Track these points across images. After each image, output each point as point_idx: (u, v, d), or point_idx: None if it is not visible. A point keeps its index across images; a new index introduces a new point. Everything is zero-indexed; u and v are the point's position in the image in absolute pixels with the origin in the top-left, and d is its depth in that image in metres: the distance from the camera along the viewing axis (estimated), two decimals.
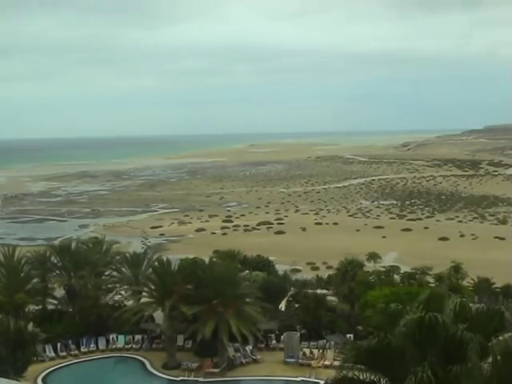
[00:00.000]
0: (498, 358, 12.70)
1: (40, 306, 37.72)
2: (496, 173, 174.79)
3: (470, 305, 14.30)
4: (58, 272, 38.27)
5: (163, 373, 31.94)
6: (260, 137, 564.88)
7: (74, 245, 39.66)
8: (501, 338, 13.01)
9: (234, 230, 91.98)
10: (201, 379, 31.02)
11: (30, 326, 30.34)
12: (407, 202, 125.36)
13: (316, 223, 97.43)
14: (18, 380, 24.12)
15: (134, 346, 35.12)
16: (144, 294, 36.42)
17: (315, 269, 60.61)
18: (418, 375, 12.10)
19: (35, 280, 37.70)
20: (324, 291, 41.42)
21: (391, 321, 13.65)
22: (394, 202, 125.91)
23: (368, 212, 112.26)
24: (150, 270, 37.03)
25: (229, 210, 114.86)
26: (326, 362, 31.81)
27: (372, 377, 13.55)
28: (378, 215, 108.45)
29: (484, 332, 12.78)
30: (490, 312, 13.46)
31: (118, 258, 41.04)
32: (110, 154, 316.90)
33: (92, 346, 34.82)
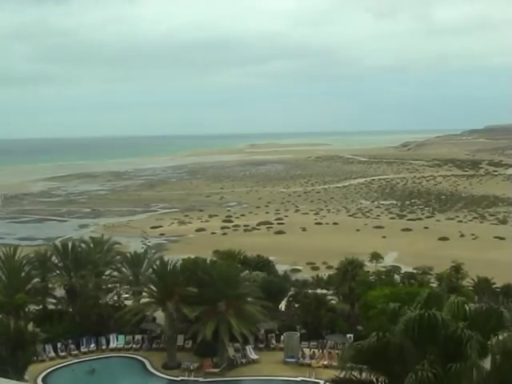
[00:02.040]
0: (497, 356, 12.71)
1: (40, 306, 37.73)
2: (496, 173, 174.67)
3: (470, 304, 14.32)
4: (58, 272, 38.26)
5: (163, 373, 31.97)
6: (260, 137, 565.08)
7: (74, 244, 39.58)
8: (500, 337, 13.01)
9: (234, 229, 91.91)
10: (201, 379, 31.04)
11: (31, 326, 30.34)
12: (407, 202, 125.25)
13: (316, 223, 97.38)
14: (18, 380, 24.11)
15: (134, 345, 35.15)
16: (144, 294, 36.42)
17: (315, 269, 60.57)
18: (418, 373, 12.11)
19: (35, 280, 37.69)
20: (324, 291, 41.41)
21: (390, 320, 13.65)
22: (394, 202, 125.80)
23: (368, 212, 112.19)
24: (151, 270, 37.05)
25: (229, 210, 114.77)
26: (326, 362, 31.83)
27: (372, 376, 13.56)
28: (378, 215, 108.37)
29: (483, 331, 12.80)
30: (489, 311, 13.47)
31: (118, 257, 41.03)
32: (109, 153, 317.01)
33: (92, 346, 34.86)
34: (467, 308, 13.68)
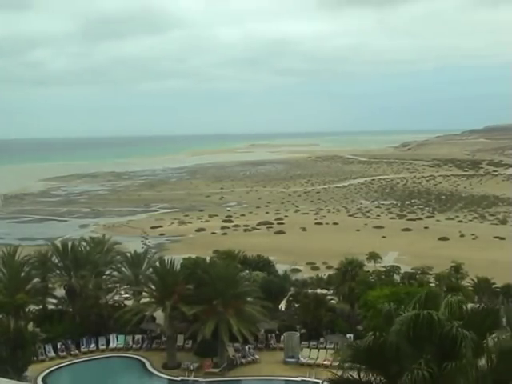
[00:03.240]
0: (493, 356, 12.73)
1: (40, 306, 37.74)
2: (496, 173, 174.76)
3: (469, 304, 14.34)
4: (58, 272, 38.28)
5: (163, 373, 31.99)
6: (260, 137, 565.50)
7: (74, 244, 39.58)
8: (496, 336, 13.03)
9: (234, 229, 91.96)
10: (201, 379, 31.06)
11: (30, 326, 30.36)
12: (407, 202, 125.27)
13: (316, 223, 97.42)
14: (18, 380, 24.13)
15: (134, 345, 35.17)
16: (144, 294, 36.44)
17: (315, 269, 60.63)
18: (413, 373, 12.14)
19: (35, 280, 37.70)
20: (324, 291, 41.45)
21: (387, 320, 13.67)
22: (394, 202, 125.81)
23: (368, 212, 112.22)
24: (151, 269, 37.06)
25: (229, 210, 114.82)
26: (326, 362, 31.81)
27: (368, 376, 13.58)
28: (378, 215, 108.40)
29: (479, 330, 12.83)
30: (486, 310, 13.49)
31: (118, 257, 41.02)
32: (110, 153, 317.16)
33: (92, 346, 34.87)
34: (464, 307, 13.70)
